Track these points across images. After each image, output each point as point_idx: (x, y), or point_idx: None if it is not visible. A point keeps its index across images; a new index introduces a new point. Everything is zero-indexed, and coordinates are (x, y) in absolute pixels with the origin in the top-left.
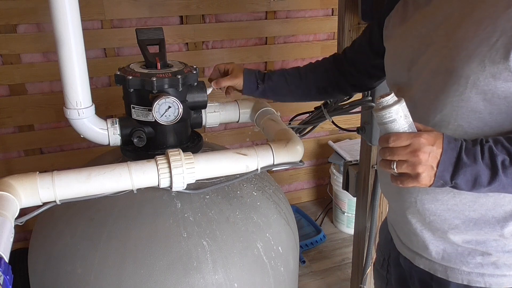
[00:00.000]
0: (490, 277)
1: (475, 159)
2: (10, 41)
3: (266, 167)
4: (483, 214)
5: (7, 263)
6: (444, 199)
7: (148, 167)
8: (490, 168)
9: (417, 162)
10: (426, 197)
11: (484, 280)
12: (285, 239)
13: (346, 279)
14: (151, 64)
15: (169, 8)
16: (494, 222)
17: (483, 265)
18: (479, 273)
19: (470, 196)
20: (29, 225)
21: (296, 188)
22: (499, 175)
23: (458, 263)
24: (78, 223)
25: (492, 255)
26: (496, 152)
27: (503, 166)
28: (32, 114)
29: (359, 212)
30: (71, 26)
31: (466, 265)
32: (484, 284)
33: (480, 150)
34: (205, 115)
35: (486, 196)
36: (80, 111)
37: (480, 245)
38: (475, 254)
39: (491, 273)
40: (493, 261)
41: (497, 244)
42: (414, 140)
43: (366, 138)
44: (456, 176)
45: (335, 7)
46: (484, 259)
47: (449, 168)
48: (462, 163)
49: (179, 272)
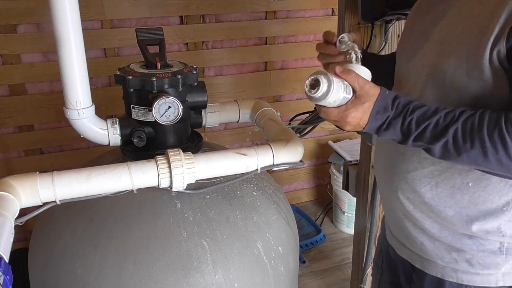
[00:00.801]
0: (463, 274)
1: (394, 129)
2: (10, 41)
3: (266, 167)
4: (458, 212)
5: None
6: (421, 191)
7: (148, 167)
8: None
9: (345, 128)
10: (406, 186)
11: (457, 275)
12: (285, 239)
13: (346, 279)
14: (151, 64)
15: (169, 8)
16: (468, 220)
17: (458, 262)
18: (453, 268)
19: (446, 191)
20: (29, 225)
21: (296, 188)
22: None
23: (434, 256)
24: (78, 223)
25: (466, 252)
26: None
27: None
28: (32, 114)
29: (359, 212)
30: (71, 26)
31: (441, 259)
32: (456, 279)
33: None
34: (205, 115)
35: (461, 193)
36: (80, 111)
37: (456, 241)
38: (451, 249)
39: (465, 270)
40: (467, 259)
41: (472, 242)
42: (341, 120)
43: (366, 138)
44: (380, 135)
45: (335, 7)
46: (459, 255)
47: (373, 132)
48: (381, 132)
49: (179, 272)
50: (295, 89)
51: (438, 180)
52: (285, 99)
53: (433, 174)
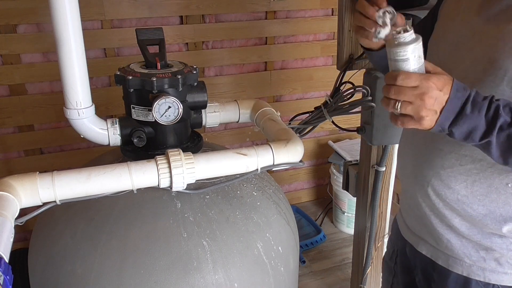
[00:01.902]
0: (490, 273)
1: (479, 113)
2: (10, 41)
3: (266, 167)
4: (492, 211)
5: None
6: (456, 188)
7: (148, 167)
8: (488, 126)
9: (422, 106)
10: (439, 182)
11: (485, 274)
12: (285, 239)
13: (346, 279)
14: (151, 64)
15: (169, 8)
16: (501, 220)
17: (486, 260)
18: (480, 267)
19: (482, 189)
20: (29, 225)
21: (296, 188)
22: (493, 135)
23: (461, 254)
24: (78, 223)
25: (495, 251)
26: (501, 112)
27: (500, 128)
28: (32, 114)
29: (359, 212)
30: (71, 26)
31: (469, 257)
32: (484, 278)
33: (487, 105)
34: (205, 115)
35: (498, 193)
36: (80, 111)
37: (485, 240)
38: (479, 248)
39: (493, 269)
40: (496, 258)
41: (502, 241)
42: (423, 83)
43: (366, 138)
44: (454, 125)
45: (335, 7)
46: (487, 254)
47: (451, 117)
48: (464, 114)
49: (179, 272)
50: (295, 89)
51: (476, 179)
52: (285, 99)
53: (471, 172)
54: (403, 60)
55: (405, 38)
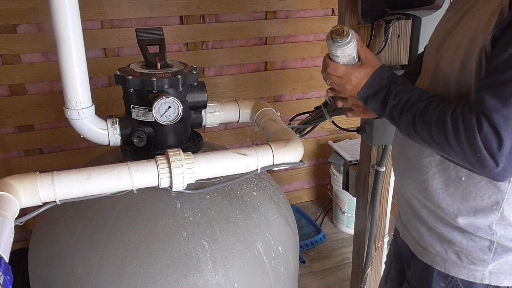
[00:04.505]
0: (451, 265)
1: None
2: (10, 41)
3: (266, 167)
4: (450, 204)
5: (7, 263)
6: (419, 179)
7: (148, 167)
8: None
9: (343, 90)
10: (409, 173)
11: (445, 266)
12: (285, 239)
13: (346, 279)
14: (151, 64)
15: (169, 8)
16: (458, 214)
17: (448, 252)
18: (443, 258)
19: (441, 182)
20: (29, 225)
21: (296, 188)
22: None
23: (427, 244)
24: (78, 223)
25: (455, 245)
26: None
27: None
28: (32, 114)
29: (359, 212)
30: (71, 26)
31: (433, 248)
32: (444, 269)
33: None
34: (205, 115)
35: (455, 186)
36: (80, 111)
37: (448, 233)
38: (443, 240)
39: (453, 262)
40: (456, 251)
41: (463, 237)
42: (345, 76)
43: (366, 138)
44: (366, 104)
45: (335, 7)
46: (449, 247)
47: (363, 99)
48: (371, 97)
49: (179, 272)
50: (295, 89)
51: (435, 171)
52: (285, 99)
53: (431, 164)
54: (335, 56)
55: (337, 42)
